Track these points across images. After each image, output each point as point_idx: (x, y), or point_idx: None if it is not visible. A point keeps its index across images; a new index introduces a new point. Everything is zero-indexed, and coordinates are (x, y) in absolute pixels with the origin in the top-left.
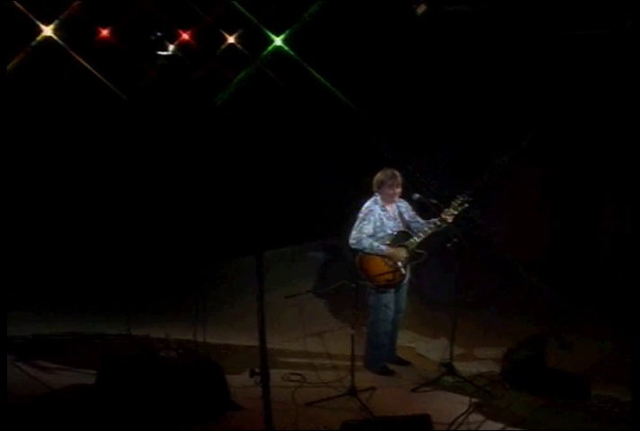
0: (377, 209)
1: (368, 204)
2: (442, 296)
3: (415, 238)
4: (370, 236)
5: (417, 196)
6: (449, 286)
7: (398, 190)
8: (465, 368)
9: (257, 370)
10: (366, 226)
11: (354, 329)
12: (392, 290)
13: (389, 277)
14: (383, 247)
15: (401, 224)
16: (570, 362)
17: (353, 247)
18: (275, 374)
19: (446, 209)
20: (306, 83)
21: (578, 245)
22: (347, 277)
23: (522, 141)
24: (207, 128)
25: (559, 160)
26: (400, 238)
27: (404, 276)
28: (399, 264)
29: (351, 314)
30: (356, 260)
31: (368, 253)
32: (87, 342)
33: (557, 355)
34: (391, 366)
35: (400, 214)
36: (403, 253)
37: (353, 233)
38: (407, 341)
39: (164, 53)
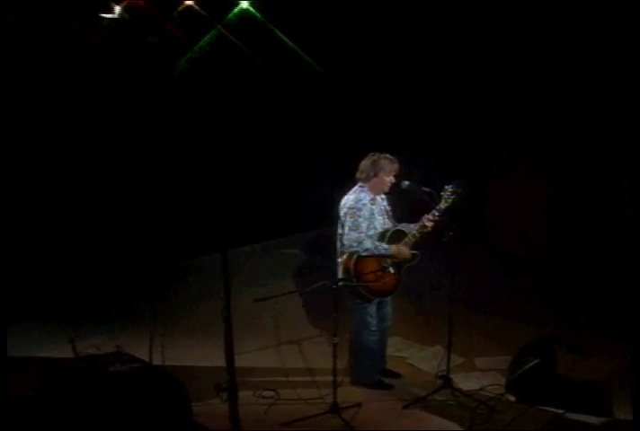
0: (369, 203)
1: (355, 196)
2: (435, 297)
3: (410, 237)
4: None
5: (407, 183)
6: (443, 285)
7: (393, 180)
8: (464, 381)
9: (224, 385)
10: (363, 224)
11: (337, 337)
12: (375, 300)
13: (386, 280)
14: (387, 246)
15: (388, 221)
16: (583, 369)
17: (352, 250)
18: (245, 390)
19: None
20: (275, 50)
21: (582, 235)
22: (328, 277)
23: None
24: (165, 104)
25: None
26: (395, 237)
27: (400, 280)
28: (390, 269)
29: (332, 320)
30: (346, 261)
31: (366, 256)
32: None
33: (568, 361)
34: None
35: (385, 208)
36: (406, 250)
37: (351, 233)
38: (396, 350)
39: (109, 16)
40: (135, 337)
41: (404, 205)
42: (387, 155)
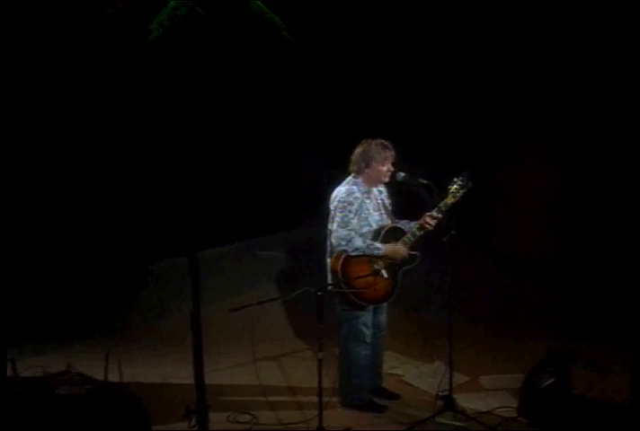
0: (362, 196)
1: (347, 188)
2: (433, 306)
3: (409, 236)
4: (355, 232)
5: (402, 175)
6: (442, 291)
7: (391, 167)
8: (469, 402)
9: (193, 407)
10: (353, 220)
11: (323, 352)
12: (370, 306)
13: (378, 285)
14: (380, 245)
15: (385, 217)
16: (601, 387)
17: (340, 249)
18: (217, 412)
19: (442, 202)
20: (251, 21)
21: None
22: (312, 282)
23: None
24: (124, 90)
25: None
26: (391, 236)
27: (395, 285)
28: (383, 273)
29: (317, 331)
30: (333, 262)
31: (355, 256)
32: None
33: (584, 378)
34: (378, 401)
35: (383, 202)
36: (403, 250)
37: (340, 230)
38: (390, 367)
39: None
40: (89, 353)
41: (402, 199)
42: (380, 141)
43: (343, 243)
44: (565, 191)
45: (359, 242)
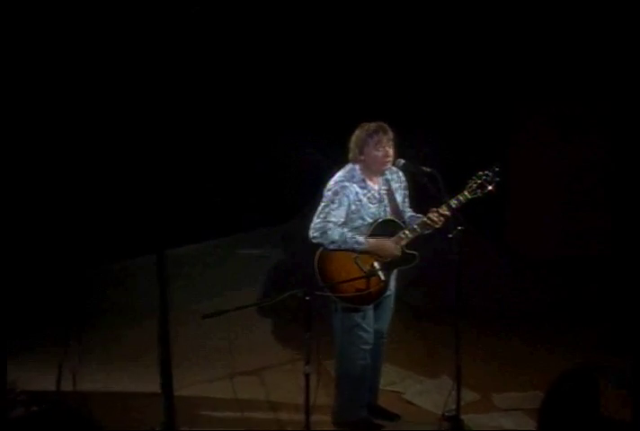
0: (354, 186)
1: (337, 176)
2: (437, 312)
3: (407, 232)
4: (340, 225)
5: (402, 162)
6: (448, 295)
7: (390, 152)
8: (479, 423)
9: (159, 428)
10: (335, 211)
11: (310, 366)
12: (367, 307)
13: (361, 285)
14: (361, 239)
15: (389, 209)
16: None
17: (315, 241)
18: None
19: (458, 197)
20: None
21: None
22: (298, 284)
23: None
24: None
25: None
26: (383, 229)
27: (385, 284)
28: (378, 269)
29: (304, 341)
30: (315, 259)
31: (335, 250)
32: None
33: (616, 397)
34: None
35: (390, 193)
36: (390, 246)
37: (316, 221)
38: (389, 382)
39: None
40: (41, 366)
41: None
42: (374, 124)
43: (317, 235)
44: (591, 180)
45: (334, 235)
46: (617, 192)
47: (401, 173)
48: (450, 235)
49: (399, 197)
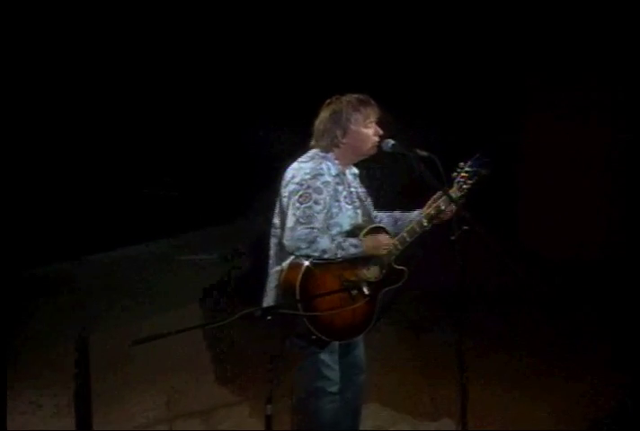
0: (332, 180)
1: (312, 167)
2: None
3: (405, 235)
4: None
5: (391, 143)
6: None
7: (380, 131)
8: None
9: None
10: (320, 215)
11: (271, 405)
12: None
13: (339, 302)
14: (355, 240)
15: (361, 213)
16: None
17: (300, 254)
18: None
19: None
20: None
21: None
22: (258, 300)
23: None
24: None
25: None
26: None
27: (372, 310)
28: (362, 281)
29: (265, 373)
30: (287, 274)
31: (326, 264)
32: None
33: None
34: None
35: (355, 188)
36: (384, 238)
37: (299, 228)
38: (375, 426)
39: None
40: None
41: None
42: (353, 95)
43: (304, 246)
44: (617, 170)
45: (326, 243)
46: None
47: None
48: (453, 237)
49: (363, 195)
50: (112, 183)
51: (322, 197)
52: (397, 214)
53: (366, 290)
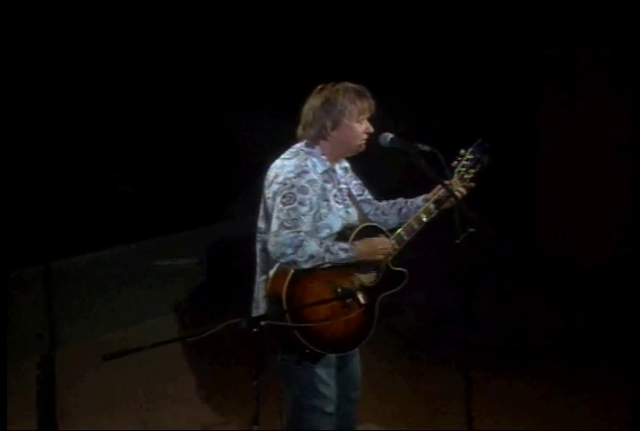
0: (319, 178)
1: (297, 164)
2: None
3: (393, 242)
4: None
5: (389, 137)
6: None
7: (370, 128)
8: None
9: None
10: (306, 217)
11: (258, 426)
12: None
13: (331, 311)
14: (346, 245)
15: (354, 211)
16: None
17: (286, 260)
18: None
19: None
20: None
21: None
22: (242, 310)
23: None
24: None
25: None
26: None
27: (369, 320)
28: (356, 289)
29: (253, 389)
30: (272, 281)
31: (314, 270)
32: None
33: None
34: None
35: (346, 183)
36: (382, 242)
37: (284, 232)
38: None
39: None
40: None
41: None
42: (349, 85)
43: (289, 251)
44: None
45: (313, 247)
46: None
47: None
48: (458, 240)
49: (354, 191)
50: (80, 181)
51: (307, 196)
52: (401, 201)
53: (362, 299)
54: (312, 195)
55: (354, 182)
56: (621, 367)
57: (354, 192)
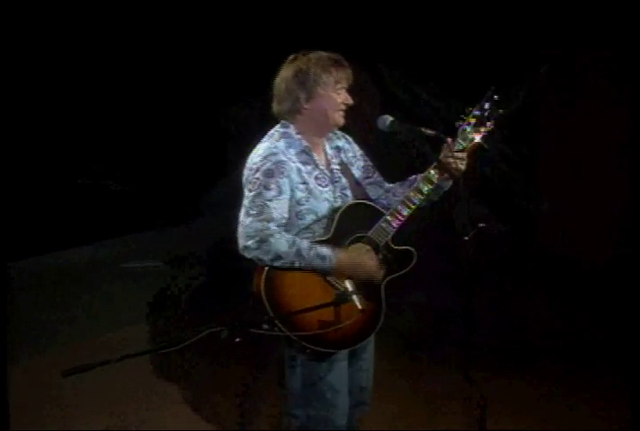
0: (294, 160)
1: (266, 147)
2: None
3: (389, 218)
4: (284, 226)
5: (389, 120)
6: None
7: (349, 100)
8: None
9: None
10: (274, 203)
11: None
12: (341, 351)
13: (326, 317)
14: (325, 250)
15: (349, 193)
16: None
17: (250, 256)
18: None
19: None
20: None
21: None
22: (220, 316)
23: None
24: None
25: None
26: (352, 221)
27: (376, 311)
28: (351, 292)
29: (237, 408)
30: (255, 279)
31: (287, 268)
32: None
33: None
34: None
35: (345, 168)
36: (370, 259)
37: (248, 221)
38: None
39: None
40: None
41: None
42: (320, 53)
43: (253, 246)
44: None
45: (281, 246)
46: None
47: (348, 137)
48: (467, 237)
49: (358, 173)
50: (43, 175)
51: (273, 180)
52: (413, 178)
53: (359, 303)
54: (279, 178)
55: (361, 164)
56: (621, 367)
57: (360, 174)
